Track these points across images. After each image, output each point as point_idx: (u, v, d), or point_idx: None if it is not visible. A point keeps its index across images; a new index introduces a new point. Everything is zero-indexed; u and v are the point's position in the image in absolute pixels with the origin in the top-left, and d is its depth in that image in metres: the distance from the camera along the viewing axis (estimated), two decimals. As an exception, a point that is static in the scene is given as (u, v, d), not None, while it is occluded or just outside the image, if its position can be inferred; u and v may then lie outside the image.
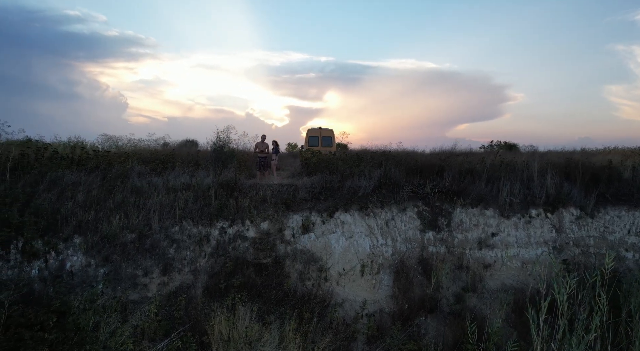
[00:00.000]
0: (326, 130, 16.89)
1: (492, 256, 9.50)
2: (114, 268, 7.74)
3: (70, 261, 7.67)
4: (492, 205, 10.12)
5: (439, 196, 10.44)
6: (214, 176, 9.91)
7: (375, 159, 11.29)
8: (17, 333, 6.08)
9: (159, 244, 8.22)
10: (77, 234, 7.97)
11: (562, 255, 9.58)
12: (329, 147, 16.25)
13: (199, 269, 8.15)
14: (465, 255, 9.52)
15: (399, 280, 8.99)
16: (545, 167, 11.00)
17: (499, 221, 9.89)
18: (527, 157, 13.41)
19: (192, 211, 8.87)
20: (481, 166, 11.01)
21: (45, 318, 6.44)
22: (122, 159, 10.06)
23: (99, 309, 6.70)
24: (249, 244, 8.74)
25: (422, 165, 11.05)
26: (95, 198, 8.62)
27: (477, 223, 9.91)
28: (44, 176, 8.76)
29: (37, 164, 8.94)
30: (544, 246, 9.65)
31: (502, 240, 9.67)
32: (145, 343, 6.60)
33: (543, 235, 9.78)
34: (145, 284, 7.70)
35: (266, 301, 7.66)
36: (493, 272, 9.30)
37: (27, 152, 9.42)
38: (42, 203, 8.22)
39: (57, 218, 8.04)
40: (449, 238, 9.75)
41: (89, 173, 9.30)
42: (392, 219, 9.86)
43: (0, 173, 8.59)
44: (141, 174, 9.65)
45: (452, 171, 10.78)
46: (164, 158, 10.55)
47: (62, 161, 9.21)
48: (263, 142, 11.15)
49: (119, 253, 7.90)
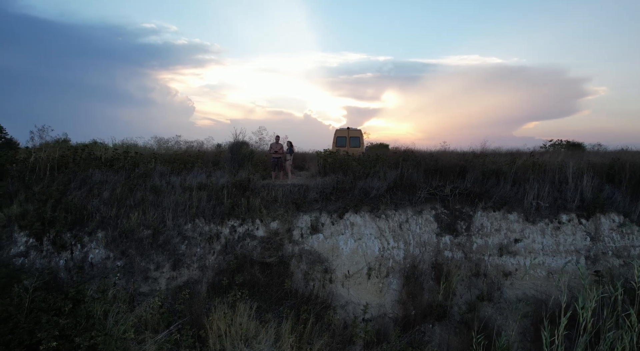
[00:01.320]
0: (354, 130, 16.71)
1: (513, 264, 8.82)
2: (129, 262, 8.29)
3: (92, 254, 8.34)
4: (517, 209, 9.39)
5: (459, 198, 9.90)
6: (230, 176, 10.24)
7: (392, 160, 10.97)
8: (37, 317, 6.69)
9: (171, 241, 8.66)
10: (100, 229, 8.64)
11: (596, 266, 8.65)
12: (357, 147, 16.06)
13: (207, 265, 8.46)
14: (484, 261, 8.93)
15: (409, 285, 8.67)
16: (584, 169, 9.99)
17: (524, 226, 9.15)
18: (567, 157, 12.25)
19: (205, 210, 9.24)
20: (508, 167, 10.25)
21: (61, 304, 7.02)
22: (147, 160, 10.74)
23: (109, 299, 7.21)
24: (257, 243, 8.91)
25: (442, 166, 10.55)
26: (118, 195, 9.30)
27: (499, 228, 9.26)
28: (76, 175, 9.62)
29: (72, 165, 9.83)
30: (575, 255, 8.77)
31: (525, 247, 8.94)
32: (147, 334, 6.99)
33: (575, 243, 8.89)
34: (156, 278, 8.15)
35: (266, 299, 7.77)
36: (514, 281, 8.63)
37: (67, 153, 10.38)
38: (72, 199, 9.03)
39: (83, 213, 8.79)
40: (467, 242, 9.22)
41: (116, 173, 10.05)
42: (407, 222, 9.53)
43: (42, 173, 9.56)
44: (162, 174, 10.24)
45: (475, 172, 10.17)
46: (186, 159, 11.10)
47: (93, 161, 10.04)
48: (277, 143, 11.32)
49: (134, 248, 8.45)
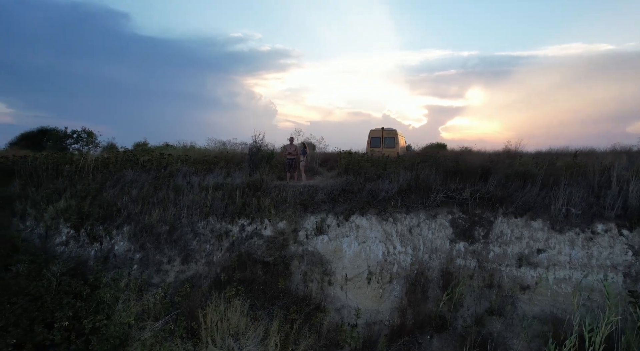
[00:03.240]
0: (389, 130, 16.21)
1: (533, 277, 7.92)
2: (145, 254, 9.07)
3: (117, 246, 9.28)
4: (542, 215, 8.41)
5: (479, 202, 9.16)
6: (247, 176, 10.66)
7: (408, 161, 10.49)
8: (59, 299, 7.62)
9: (184, 237, 9.29)
10: (126, 224, 9.58)
11: (638, 286, 7.41)
12: (392, 148, 15.56)
13: (213, 261, 8.92)
14: (500, 272, 8.16)
15: (413, 293, 8.26)
16: (633, 172, 8.61)
17: (549, 235, 8.16)
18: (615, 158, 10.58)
19: (218, 208, 9.74)
20: (539, 168, 9.20)
21: (81, 289, 7.94)
22: (175, 161, 11.63)
23: (121, 287, 7.98)
24: (262, 242, 9.17)
25: (463, 168, 9.84)
26: (144, 194, 10.21)
27: (520, 236, 8.39)
28: (112, 175, 10.78)
29: (110, 166, 11.04)
30: (611, 271, 7.60)
31: (549, 258, 7.97)
32: (149, 321, 7.61)
33: (612, 257, 7.70)
34: (167, 271, 8.82)
35: (260, 297, 7.97)
36: (532, 296, 7.75)
37: (110, 155, 11.67)
38: (106, 196, 10.14)
39: (113, 209, 9.81)
40: (483, 250, 8.50)
41: (147, 173, 11.04)
42: (418, 226, 9.07)
43: (86, 173, 10.87)
44: (185, 174, 11.01)
45: (498, 175, 9.32)
46: (210, 160, 11.79)
47: (127, 163, 11.16)
48: (291, 144, 11.49)
49: (152, 242, 9.22)
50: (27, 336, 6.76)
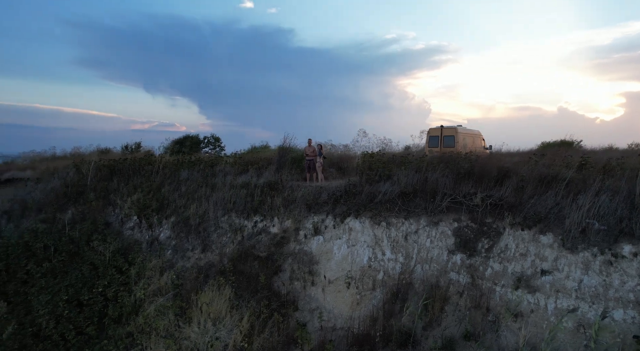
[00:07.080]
0: (448, 129, 14.60)
1: (530, 303, 6.52)
2: (179, 242, 10.79)
3: (163, 233, 11.28)
4: (554, 229, 6.77)
5: (491, 209, 7.92)
6: (272, 176, 11.47)
7: (416, 162, 9.58)
8: (106, 270, 9.81)
9: (208, 229, 10.67)
10: (173, 215, 11.52)
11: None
12: (451, 147, 14.08)
13: (225, 253, 10.02)
14: (493, 292, 6.97)
15: (392, 303, 7.76)
16: None
17: (558, 254, 6.55)
18: None
19: (239, 205, 10.81)
20: (566, 170, 7.33)
21: (122, 265, 10.05)
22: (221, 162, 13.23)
23: (148, 267, 9.81)
24: (267, 239, 9.85)
25: (478, 170, 8.57)
26: (190, 190, 12.02)
27: (525, 252, 6.96)
28: (172, 174, 12.99)
29: (172, 166, 13.29)
30: (633, 308, 5.70)
31: (553, 282, 6.41)
32: (159, 298, 9.15)
33: (638, 290, 5.76)
34: (189, 257, 10.31)
35: (245, 289, 8.68)
36: (523, 326, 6.40)
37: (178, 157, 14.03)
38: (163, 192, 12.33)
39: (165, 203, 11.90)
40: (480, 265, 7.38)
41: (199, 172, 12.91)
42: (415, 233, 8.39)
43: (154, 172, 13.36)
44: (226, 174, 12.44)
45: (515, 178, 7.84)
46: (247, 161, 13.01)
47: (185, 163, 13.23)
48: (309, 146, 11.63)
49: (185, 232, 10.89)
50: (75, 295, 9.02)
